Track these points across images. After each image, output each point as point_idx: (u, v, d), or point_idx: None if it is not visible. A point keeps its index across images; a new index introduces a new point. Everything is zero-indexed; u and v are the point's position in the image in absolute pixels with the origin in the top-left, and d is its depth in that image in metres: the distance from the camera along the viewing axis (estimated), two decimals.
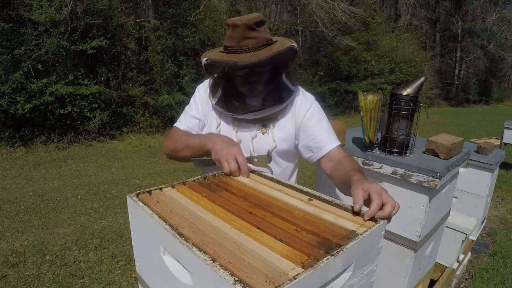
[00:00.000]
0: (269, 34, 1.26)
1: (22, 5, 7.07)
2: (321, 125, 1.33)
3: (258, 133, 1.35)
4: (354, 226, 0.88)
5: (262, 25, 1.24)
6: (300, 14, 13.93)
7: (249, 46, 1.21)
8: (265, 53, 1.19)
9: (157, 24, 9.20)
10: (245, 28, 1.19)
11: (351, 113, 13.90)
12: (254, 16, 1.21)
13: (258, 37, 1.21)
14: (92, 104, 7.49)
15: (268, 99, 1.30)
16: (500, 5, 25.20)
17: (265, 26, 1.25)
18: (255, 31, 1.20)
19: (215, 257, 0.71)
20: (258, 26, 1.21)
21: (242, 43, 1.21)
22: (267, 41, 1.23)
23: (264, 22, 1.24)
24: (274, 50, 1.19)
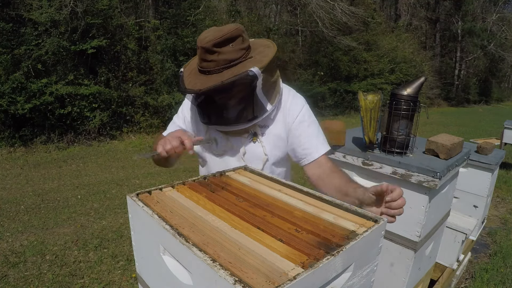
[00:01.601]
0: (238, 52, 1.18)
1: (22, 5, 7.07)
2: (311, 130, 1.33)
3: (249, 142, 1.33)
4: (354, 226, 0.88)
5: (230, 43, 1.16)
6: (300, 14, 13.93)
7: (208, 68, 1.18)
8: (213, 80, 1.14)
9: (157, 24, 9.21)
10: (203, 51, 1.16)
11: (351, 113, 13.89)
12: (221, 32, 1.15)
13: (217, 60, 1.15)
14: (92, 104, 7.49)
15: (240, 114, 1.24)
16: (500, 5, 25.20)
17: (235, 42, 1.17)
18: (214, 53, 1.15)
19: (215, 257, 0.71)
20: (220, 46, 1.15)
21: (201, 65, 1.19)
22: (228, 63, 1.16)
23: (233, 38, 1.16)
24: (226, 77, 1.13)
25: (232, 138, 1.34)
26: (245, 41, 1.22)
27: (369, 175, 1.55)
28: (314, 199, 1.05)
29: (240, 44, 1.19)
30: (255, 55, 1.23)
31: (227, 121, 1.25)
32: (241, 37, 1.20)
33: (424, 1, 23.85)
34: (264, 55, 1.21)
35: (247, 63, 1.18)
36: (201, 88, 1.14)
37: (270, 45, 1.29)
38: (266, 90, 1.23)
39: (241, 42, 1.19)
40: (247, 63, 1.19)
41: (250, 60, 1.20)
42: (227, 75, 1.14)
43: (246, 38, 1.22)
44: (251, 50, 1.26)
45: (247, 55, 1.21)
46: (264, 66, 1.16)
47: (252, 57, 1.21)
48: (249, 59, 1.21)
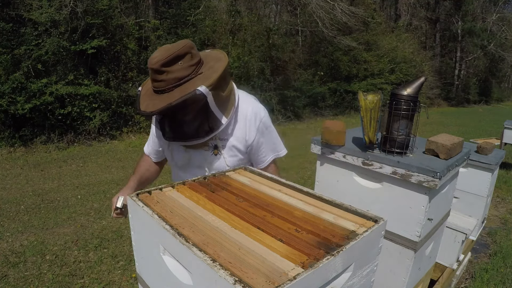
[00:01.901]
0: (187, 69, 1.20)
1: (22, 5, 7.07)
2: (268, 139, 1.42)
3: (211, 155, 1.37)
4: (354, 226, 0.88)
5: (179, 60, 1.18)
6: (300, 14, 13.92)
7: (159, 88, 1.20)
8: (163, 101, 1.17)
9: (157, 24, 9.21)
10: (152, 71, 1.18)
11: (351, 113, 13.89)
12: (166, 54, 1.17)
13: (167, 79, 1.18)
14: (92, 104, 7.49)
15: (196, 129, 1.26)
16: (500, 5, 25.19)
17: (184, 60, 1.19)
18: (163, 73, 1.17)
19: (215, 257, 0.71)
20: (168, 65, 1.17)
21: (153, 85, 1.22)
22: (178, 81, 1.19)
23: (182, 55, 1.18)
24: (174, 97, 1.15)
25: (193, 151, 1.39)
26: (195, 57, 1.23)
27: (369, 175, 1.55)
28: (314, 199, 1.05)
29: (189, 61, 1.21)
30: (206, 71, 1.24)
31: (184, 136, 1.28)
32: (190, 54, 1.22)
33: (424, 1, 23.84)
34: (214, 70, 1.22)
35: (196, 80, 1.20)
36: (152, 110, 1.18)
37: (221, 58, 1.30)
38: (220, 103, 1.24)
39: (190, 59, 1.21)
40: (196, 80, 1.20)
41: (199, 77, 1.21)
42: (177, 94, 1.17)
43: (195, 54, 1.24)
44: (203, 64, 1.28)
45: (197, 71, 1.23)
46: (213, 83, 1.17)
47: (202, 73, 1.23)
48: (199, 75, 1.22)
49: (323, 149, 1.66)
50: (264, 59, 11.54)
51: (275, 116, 11.45)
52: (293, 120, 12.02)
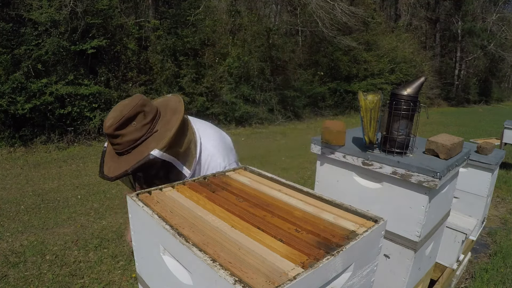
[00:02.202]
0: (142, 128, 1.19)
1: (22, 5, 7.07)
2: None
3: None
4: (354, 226, 0.88)
5: (131, 122, 1.17)
6: (300, 14, 13.92)
7: (118, 150, 1.21)
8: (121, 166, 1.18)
9: (157, 24, 9.21)
10: (108, 136, 1.19)
11: (351, 113, 13.89)
12: (118, 117, 1.16)
13: (122, 143, 1.18)
14: (92, 104, 7.49)
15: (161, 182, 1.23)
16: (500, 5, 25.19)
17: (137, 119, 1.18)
18: (118, 137, 1.18)
19: (215, 257, 0.71)
20: (121, 128, 1.17)
21: (113, 147, 1.23)
22: (133, 142, 1.19)
23: (133, 117, 1.17)
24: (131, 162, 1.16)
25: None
26: (148, 115, 1.21)
27: (369, 175, 1.55)
28: (314, 199, 1.05)
29: (142, 120, 1.19)
30: (161, 127, 1.22)
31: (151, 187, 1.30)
32: (142, 113, 1.20)
33: (424, 1, 23.84)
34: (169, 128, 1.19)
35: (151, 141, 1.19)
36: (111, 176, 1.19)
37: (178, 109, 1.26)
38: (180, 157, 1.23)
39: (142, 118, 1.20)
40: (151, 140, 1.19)
41: (155, 136, 1.20)
42: (133, 157, 1.17)
43: (148, 111, 1.21)
44: (160, 117, 1.26)
45: (152, 128, 1.22)
46: (167, 144, 1.15)
47: (157, 131, 1.21)
48: (154, 133, 1.21)
49: (323, 149, 1.67)
50: (264, 59, 11.54)
51: (275, 116, 11.45)
52: (293, 120, 12.02)
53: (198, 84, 9.66)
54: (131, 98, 1.22)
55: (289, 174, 5.72)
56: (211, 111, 9.82)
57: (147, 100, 1.23)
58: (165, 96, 1.40)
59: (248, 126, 10.43)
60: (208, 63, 10.23)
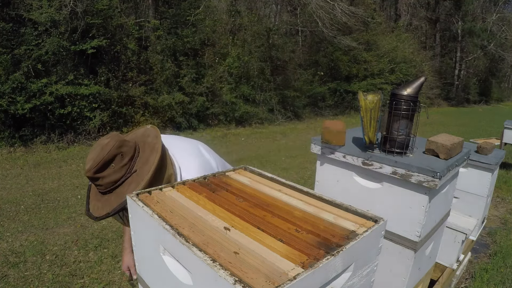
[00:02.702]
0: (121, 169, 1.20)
1: (22, 5, 7.07)
2: None
3: None
4: (354, 226, 0.88)
5: (110, 164, 1.19)
6: (300, 14, 13.93)
7: (101, 191, 1.24)
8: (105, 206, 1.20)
9: (157, 24, 9.21)
10: (89, 179, 1.22)
11: (351, 113, 13.89)
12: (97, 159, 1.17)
13: (103, 184, 1.20)
14: (92, 104, 7.49)
15: None
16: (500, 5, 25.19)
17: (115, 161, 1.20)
18: (98, 179, 1.20)
19: (215, 257, 0.71)
20: (101, 171, 1.18)
21: (96, 188, 1.26)
22: (114, 183, 1.21)
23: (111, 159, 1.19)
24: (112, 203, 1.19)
25: None
26: (126, 155, 1.22)
27: (369, 175, 1.55)
28: (314, 199, 1.05)
29: (120, 161, 1.21)
30: (140, 167, 1.23)
31: None
32: (120, 154, 1.21)
33: (424, 1, 23.84)
34: (148, 168, 1.20)
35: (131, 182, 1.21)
36: (97, 216, 1.23)
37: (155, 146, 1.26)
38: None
39: (120, 159, 1.21)
40: (131, 181, 1.21)
41: (134, 176, 1.22)
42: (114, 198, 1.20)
43: (126, 151, 1.23)
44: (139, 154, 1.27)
45: (131, 168, 1.23)
46: (146, 184, 1.17)
47: (136, 171, 1.23)
48: (133, 174, 1.23)
49: (323, 149, 1.66)
50: (264, 59, 11.54)
51: (275, 116, 11.45)
52: (293, 120, 12.02)
53: (198, 84, 9.66)
54: (109, 138, 1.23)
55: (289, 174, 5.72)
56: (211, 111, 9.82)
57: (123, 141, 1.24)
58: (144, 127, 1.40)
59: (248, 126, 10.43)
60: (208, 63, 10.23)
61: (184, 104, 9.03)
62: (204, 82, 9.75)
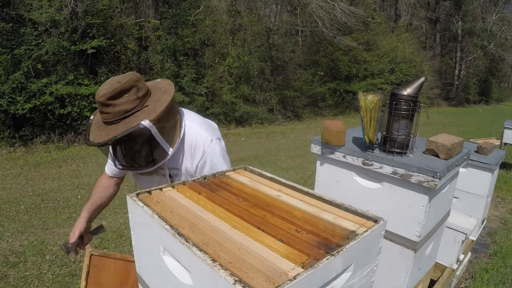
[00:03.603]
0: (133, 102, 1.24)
1: (22, 5, 7.07)
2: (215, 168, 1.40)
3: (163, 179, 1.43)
4: (354, 226, 0.88)
5: (124, 94, 1.22)
6: (300, 14, 13.92)
7: (107, 120, 1.25)
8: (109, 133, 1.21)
9: (157, 24, 9.22)
10: (100, 104, 1.23)
11: (351, 113, 13.89)
12: (112, 87, 1.21)
13: (113, 112, 1.22)
14: (92, 104, 7.48)
15: (143, 159, 1.31)
16: (500, 5, 25.19)
17: (130, 93, 1.24)
18: (109, 106, 1.22)
19: (215, 257, 0.71)
20: (114, 99, 1.21)
21: (102, 116, 1.26)
22: (124, 113, 1.23)
23: (127, 89, 1.22)
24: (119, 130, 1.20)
25: (142, 178, 1.48)
26: (141, 90, 1.27)
27: (369, 175, 1.55)
28: (314, 199, 1.05)
29: (134, 94, 1.24)
30: (151, 103, 1.28)
31: (132, 165, 1.34)
32: (136, 87, 1.25)
33: (424, 1, 23.84)
34: (160, 103, 1.26)
35: (141, 114, 1.24)
36: (99, 141, 1.22)
37: (169, 90, 1.34)
38: (166, 135, 1.28)
39: (135, 92, 1.25)
40: (141, 113, 1.24)
41: (145, 110, 1.25)
42: (122, 127, 1.21)
43: (141, 87, 1.27)
44: (151, 95, 1.32)
45: (143, 103, 1.27)
46: (157, 117, 1.21)
47: (147, 106, 1.27)
48: (145, 108, 1.26)
49: (323, 149, 1.66)
50: (264, 59, 11.54)
51: (275, 116, 11.45)
52: (293, 120, 12.02)
53: (198, 84, 9.67)
54: (126, 74, 1.28)
55: (289, 174, 5.72)
56: (211, 111, 9.82)
57: (140, 77, 1.29)
58: (155, 80, 1.45)
59: (248, 126, 10.43)
60: (208, 63, 10.23)
61: (184, 104, 9.04)
62: (204, 82, 9.75)
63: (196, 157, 1.39)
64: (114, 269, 1.55)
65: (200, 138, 1.38)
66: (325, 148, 1.65)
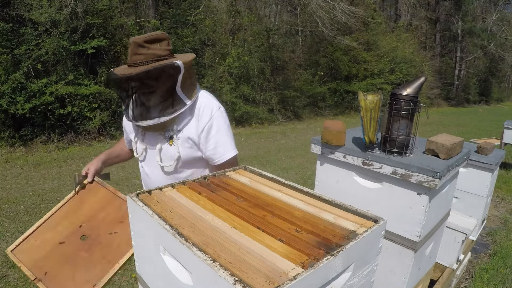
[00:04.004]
0: (164, 51, 1.39)
1: (22, 5, 7.07)
2: (219, 137, 1.46)
3: (165, 146, 1.48)
4: (354, 226, 0.88)
5: (158, 42, 1.37)
6: (300, 14, 13.92)
7: (138, 61, 1.36)
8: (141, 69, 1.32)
9: (157, 24, 9.21)
10: (135, 45, 1.35)
11: (351, 113, 13.89)
12: (150, 34, 1.38)
13: (147, 54, 1.35)
14: (92, 104, 7.49)
15: (161, 110, 1.38)
16: (500, 5, 25.19)
17: (162, 43, 1.39)
18: (145, 47, 1.35)
19: (215, 257, 0.71)
20: (149, 43, 1.35)
21: (132, 58, 1.37)
22: (157, 57, 1.36)
23: (160, 39, 1.39)
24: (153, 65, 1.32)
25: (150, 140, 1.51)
26: (170, 45, 1.45)
27: (369, 175, 1.55)
28: (314, 199, 1.05)
29: (166, 45, 1.42)
30: (179, 57, 1.45)
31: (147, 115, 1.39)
32: (167, 41, 1.43)
33: (424, 1, 23.85)
34: (187, 57, 1.43)
35: (172, 60, 1.37)
36: (132, 72, 1.31)
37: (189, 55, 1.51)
38: (185, 88, 1.40)
39: (167, 44, 1.42)
40: (172, 59, 1.38)
41: (173, 59, 1.40)
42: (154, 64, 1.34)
43: (170, 44, 1.46)
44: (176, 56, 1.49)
45: (172, 55, 1.44)
46: (187, 63, 1.36)
47: (175, 57, 1.43)
48: (173, 58, 1.42)
49: (323, 149, 1.67)
50: (264, 59, 11.54)
51: (275, 116, 11.45)
52: (293, 120, 12.02)
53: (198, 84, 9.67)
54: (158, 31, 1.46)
55: (289, 174, 5.72)
56: None
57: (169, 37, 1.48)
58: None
59: (248, 126, 10.43)
60: (208, 63, 10.23)
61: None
62: (204, 82, 9.75)
63: (202, 119, 1.44)
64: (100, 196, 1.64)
65: (209, 103, 1.48)
66: (325, 148, 1.65)
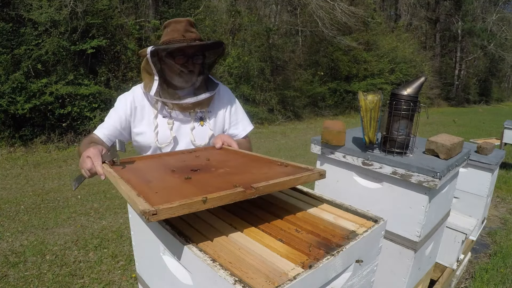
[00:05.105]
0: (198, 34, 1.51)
1: (22, 5, 7.07)
2: (238, 114, 1.68)
3: (197, 125, 1.56)
4: (354, 226, 0.88)
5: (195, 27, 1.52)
6: (300, 14, 13.92)
7: (192, 38, 1.46)
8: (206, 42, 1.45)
9: (157, 24, 9.21)
10: (187, 23, 1.46)
11: (351, 113, 13.89)
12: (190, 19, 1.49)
13: (197, 33, 1.49)
14: (92, 104, 7.49)
15: (199, 89, 1.53)
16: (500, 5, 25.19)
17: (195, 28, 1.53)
18: (194, 27, 1.49)
19: (215, 257, 0.71)
20: (193, 27, 1.49)
21: (186, 34, 1.45)
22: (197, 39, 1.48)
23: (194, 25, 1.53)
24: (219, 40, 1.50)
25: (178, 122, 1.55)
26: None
27: (369, 175, 1.55)
28: (314, 199, 1.05)
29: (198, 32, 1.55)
30: None
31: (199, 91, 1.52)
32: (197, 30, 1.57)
33: (424, 1, 23.85)
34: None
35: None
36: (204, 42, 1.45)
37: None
38: (212, 73, 1.61)
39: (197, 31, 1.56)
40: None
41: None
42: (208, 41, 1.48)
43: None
44: None
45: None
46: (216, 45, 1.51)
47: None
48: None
49: (323, 149, 1.67)
50: (264, 59, 11.54)
51: (275, 116, 11.45)
52: (293, 120, 12.02)
53: None
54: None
55: None
56: None
57: None
58: None
59: None
60: None
61: None
62: None
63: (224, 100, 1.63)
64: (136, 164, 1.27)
65: (222, 85, 1.66)
66: (325, 148, 1.65)
